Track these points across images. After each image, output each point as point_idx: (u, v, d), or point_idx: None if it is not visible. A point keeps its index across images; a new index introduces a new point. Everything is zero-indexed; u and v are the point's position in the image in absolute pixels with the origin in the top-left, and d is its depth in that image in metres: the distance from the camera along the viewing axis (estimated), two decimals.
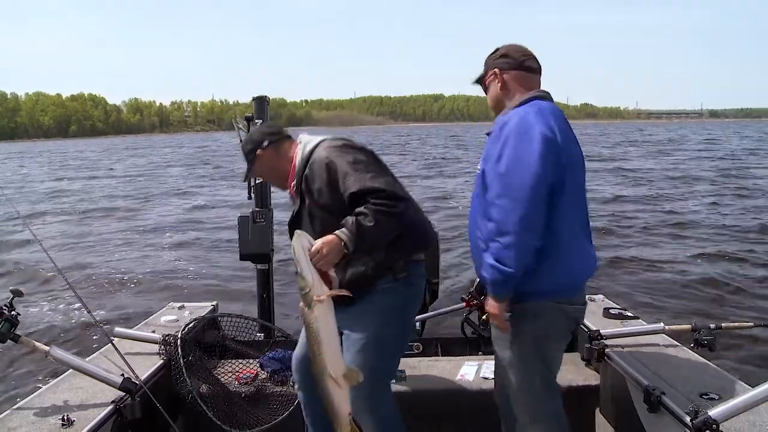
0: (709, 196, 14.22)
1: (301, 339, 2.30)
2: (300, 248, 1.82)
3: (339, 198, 1.97)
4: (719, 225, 10.43)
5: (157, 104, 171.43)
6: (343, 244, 1.85)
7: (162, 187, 20.12)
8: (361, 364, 1.99)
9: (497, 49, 2.09)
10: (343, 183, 1.96)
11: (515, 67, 2.03)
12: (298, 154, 2.14)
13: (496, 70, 2.05)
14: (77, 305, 5.85)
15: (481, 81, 2.14)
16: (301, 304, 1.83)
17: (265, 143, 2.19)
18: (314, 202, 2.06)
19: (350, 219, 1.89)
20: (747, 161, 24.96)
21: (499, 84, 2.04)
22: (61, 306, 6.50)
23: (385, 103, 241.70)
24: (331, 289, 1.85)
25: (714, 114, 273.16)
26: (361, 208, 1.89)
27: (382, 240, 1.97)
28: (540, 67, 2.07)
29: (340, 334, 2.08)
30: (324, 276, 1.85)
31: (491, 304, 1.95)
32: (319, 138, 2.17)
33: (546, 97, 2.01)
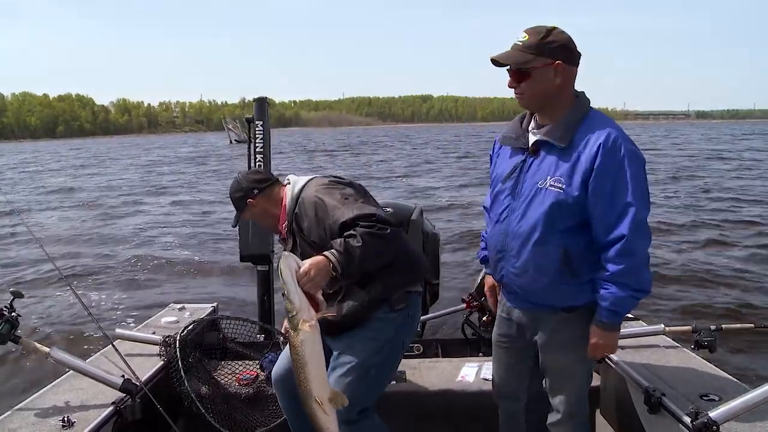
0: (708, 198, 14.22)
1: (284, 355, 2.30)
2: (287, 270, 1.78)
3: (329, 235, 1.98)
4: (719, 227, 10.43)
5: (145, 105, 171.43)
6: (331, 265, 1.84)
7: (160, 187, 20.11)
8: (343, 388, 1.99)
9: (549, 32, 1.80)
10: (333, 216, 1.98)
11: (576, 64, 1.85)
12: (288, 195, 2.16)
13: (560, 62, 1.79)
14: (78, 306, 5.85)
15: (519, 66, 1.81)
16: (287, 325, 1.81)
17: (255, 191, 2.19)
18: (304, 240, 2.09)
19: (339, 240, 1.90)
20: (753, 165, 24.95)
21: (560, 79, 1.81)
22: (61, 307, 6.49)
23: (373, 104, 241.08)
24: (318, 312, 1.81)
25: (701, 115, 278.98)
26: (350, 231, 1.91)
27: (370, 263, 1.96)
28: None
29: (330, 354, 2.08)
30: (311, 299, 1.81)
31: (614, 336, 1.87)
32: (307, 177, 2.20)
33: None
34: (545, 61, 1.79)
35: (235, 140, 59.97)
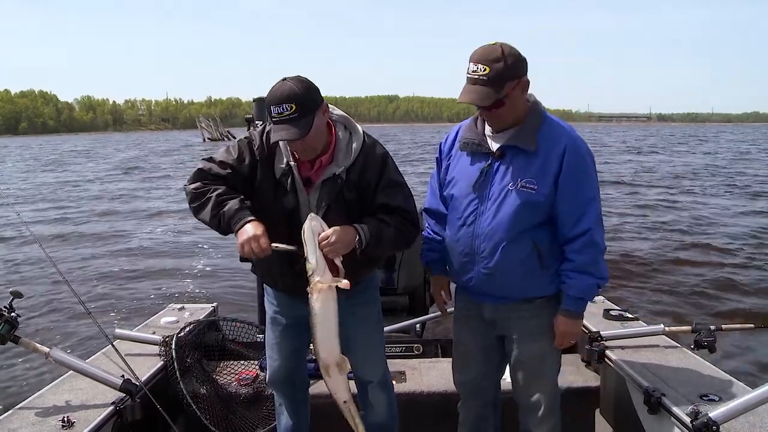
0: (711, 195, 14.22)
1: (277, 350, 2.23)
2: (309, 230, 1.82)
3: (372, 194, 1.95)
4: (719, 226, 10.43)
5: (111, 102, 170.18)
6: (357, 238, 1.85)
7: (157, 186, 20.04)
8: (378, 338, 2.20)
9: (503, 55, 1.80)
10: (391, 185, 1.95)
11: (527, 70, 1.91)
12: (355, 137, 1.96)
13: (524, 78, 1.87)
14: (77, 306, 5.84)
15: (497, 101, 1.84)
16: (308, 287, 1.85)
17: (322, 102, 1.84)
18: (356, 192, 1.94)
19: (374, 221, 1.90)
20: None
21: (525, 92, 1.90)
22: (61, 307, 6.48)
23: (340, 104, 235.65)
24: (337, 276, 1.84)
25: (662, 118, 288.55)
26: (387, 218, 1.92)
27: (389, 252, 2.14)
28: None
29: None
30: (331, 263, 1.83)
31: (579, 323, 2.05)
32: (357, 124, 2.02)
33: None
34: (513, 84, 1.84)
35: (208, 138, 60.65)
